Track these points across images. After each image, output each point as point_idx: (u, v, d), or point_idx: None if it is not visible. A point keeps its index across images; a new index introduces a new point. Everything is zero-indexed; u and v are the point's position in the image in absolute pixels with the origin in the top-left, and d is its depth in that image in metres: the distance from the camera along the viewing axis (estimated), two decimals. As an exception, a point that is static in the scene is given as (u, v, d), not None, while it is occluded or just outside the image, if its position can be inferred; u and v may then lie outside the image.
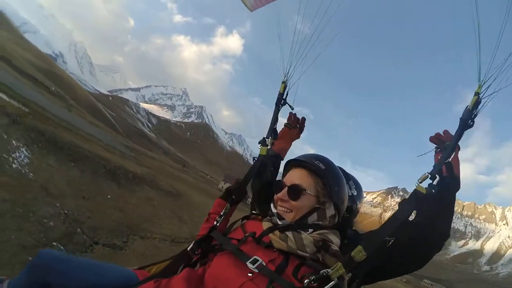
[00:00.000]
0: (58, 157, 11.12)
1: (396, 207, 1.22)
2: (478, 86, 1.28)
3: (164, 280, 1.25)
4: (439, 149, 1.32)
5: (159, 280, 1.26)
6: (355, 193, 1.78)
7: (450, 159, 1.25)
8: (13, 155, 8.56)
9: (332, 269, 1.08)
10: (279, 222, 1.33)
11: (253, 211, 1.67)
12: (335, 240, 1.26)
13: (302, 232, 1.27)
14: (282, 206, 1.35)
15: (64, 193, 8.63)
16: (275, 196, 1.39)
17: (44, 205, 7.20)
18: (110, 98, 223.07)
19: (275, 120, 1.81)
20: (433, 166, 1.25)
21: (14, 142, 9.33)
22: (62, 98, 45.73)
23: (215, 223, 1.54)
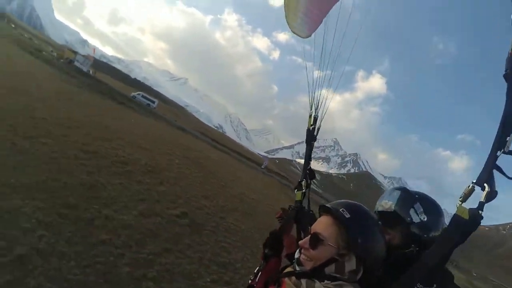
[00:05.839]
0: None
1: None
2: None
3: None
4: None
5: None
6: (424, 219, 1.48)
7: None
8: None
9: None
10: (297, 268, 1.27)
11: None
12: None
13: (316, 281, 1.19)
14: (303, 254, 1.28)
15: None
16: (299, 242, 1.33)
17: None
18: (277, 161, 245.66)
19: (308, 160, 1.70)
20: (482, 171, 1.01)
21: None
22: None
23: (249, 281, 1.53)
